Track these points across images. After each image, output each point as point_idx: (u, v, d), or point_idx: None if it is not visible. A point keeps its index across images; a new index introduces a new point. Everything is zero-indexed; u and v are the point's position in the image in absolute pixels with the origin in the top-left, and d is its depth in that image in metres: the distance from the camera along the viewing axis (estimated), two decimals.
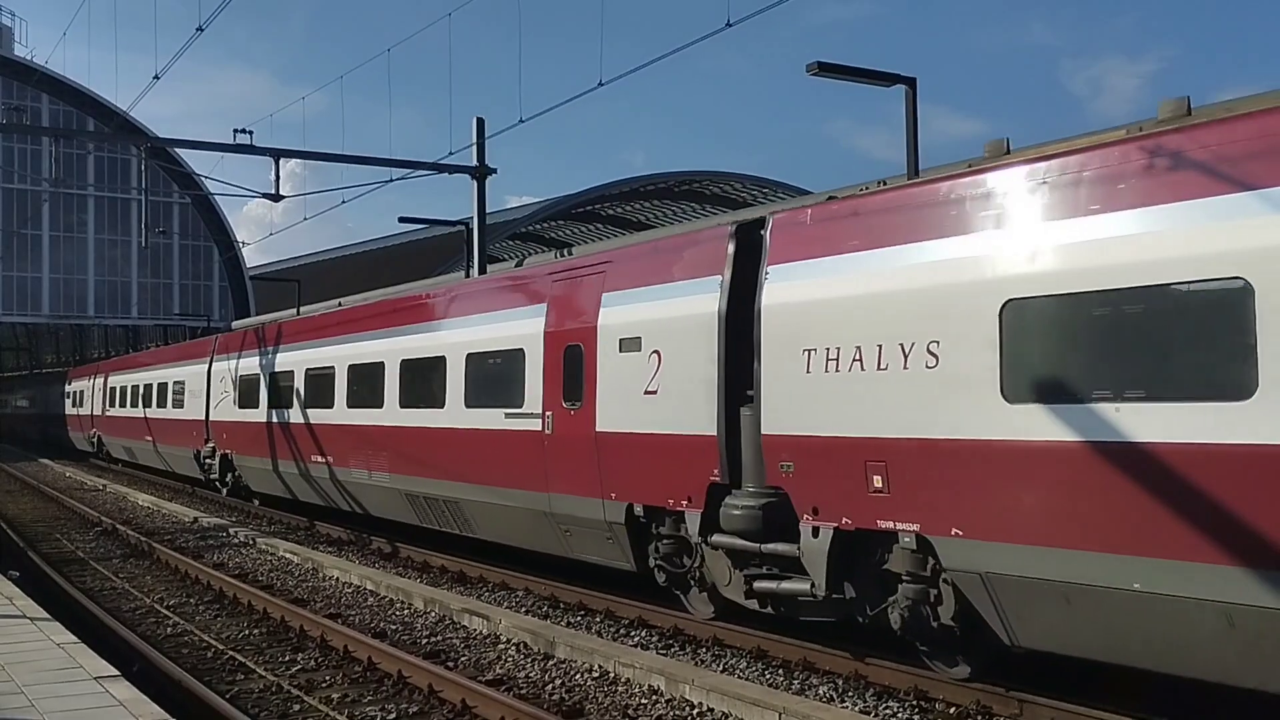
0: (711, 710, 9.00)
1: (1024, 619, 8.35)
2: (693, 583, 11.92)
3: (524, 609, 13.37)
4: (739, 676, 9.94)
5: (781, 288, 10.19)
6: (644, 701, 9.37)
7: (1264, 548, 6.90)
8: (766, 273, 10.40)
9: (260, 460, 23.96)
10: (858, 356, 9.35)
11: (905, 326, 8.96)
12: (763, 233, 10.64)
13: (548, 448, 13.38)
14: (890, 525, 9.09)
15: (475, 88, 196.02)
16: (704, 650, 11.14)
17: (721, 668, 10.38)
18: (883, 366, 9.13)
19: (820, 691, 9.52)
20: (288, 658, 11.27)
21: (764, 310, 10.29)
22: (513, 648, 11.43)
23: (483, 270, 25.03)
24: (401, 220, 39.63)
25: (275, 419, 22.81)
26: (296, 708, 9.48)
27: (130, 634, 11.89)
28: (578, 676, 10.20)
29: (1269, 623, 6.91)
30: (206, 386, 27.63)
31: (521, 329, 14.14)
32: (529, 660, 10.91)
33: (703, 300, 11.15)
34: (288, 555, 18.22)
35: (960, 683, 9.22)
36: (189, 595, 15.07)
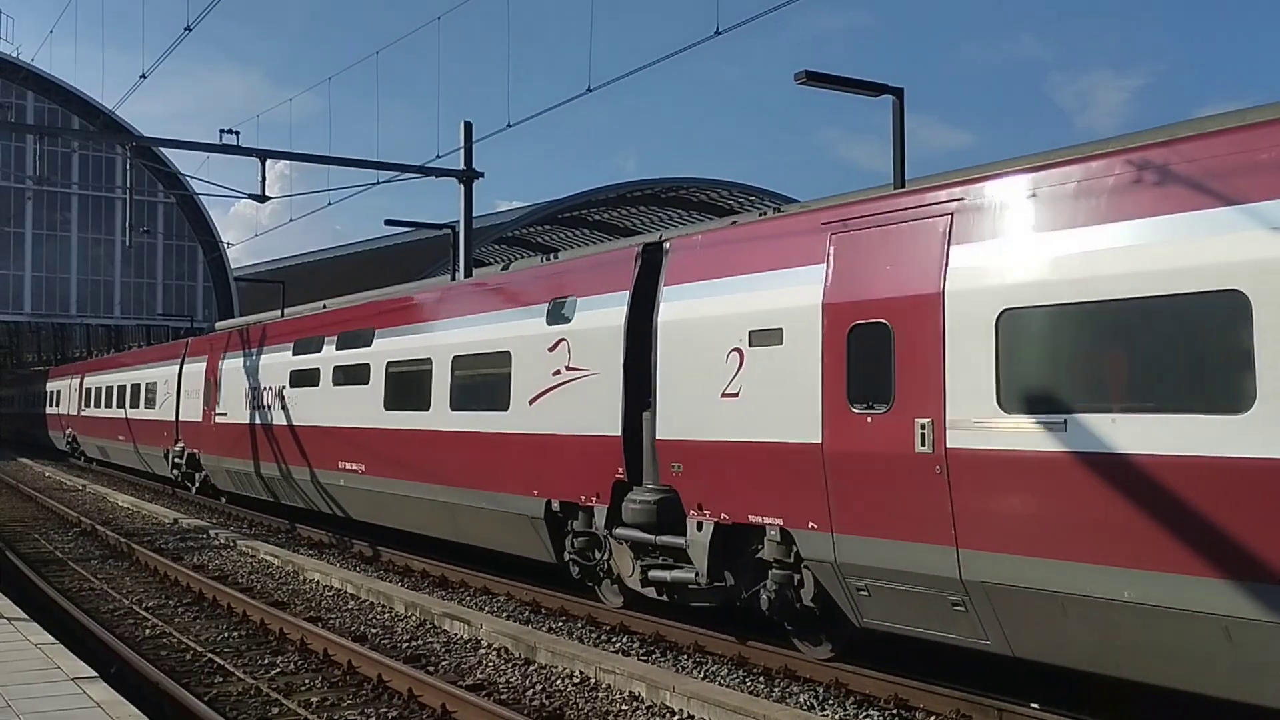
0: (692, 717, 8.99)
1: None
2: None
3: (505, 614, 13.35)
4: (720, 684, 9.95)
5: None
6: (624, 708, 9.36)
7: None
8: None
9: None
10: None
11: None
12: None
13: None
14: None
15: (464, 91, 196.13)
16: (685, 657, 11.15)
17: (702, 675, 10.38)
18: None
19: (801, 699, 9.54)
20: (267, 661, 11.22)
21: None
22: (493, 653, 11.41)
23: (468, 273, 25.03)
24: (388, 223, 39.29)
25: None
26: (275, 711, 9.43)
27: (109, 635, 11.82)
28: (558, 682, 10.19)
29: None
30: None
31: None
32: (509, 665, 10.89)
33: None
34: (268, 558, 18.14)
35: (940, 691, 9.25)
36: (168, 597, 15.00)
